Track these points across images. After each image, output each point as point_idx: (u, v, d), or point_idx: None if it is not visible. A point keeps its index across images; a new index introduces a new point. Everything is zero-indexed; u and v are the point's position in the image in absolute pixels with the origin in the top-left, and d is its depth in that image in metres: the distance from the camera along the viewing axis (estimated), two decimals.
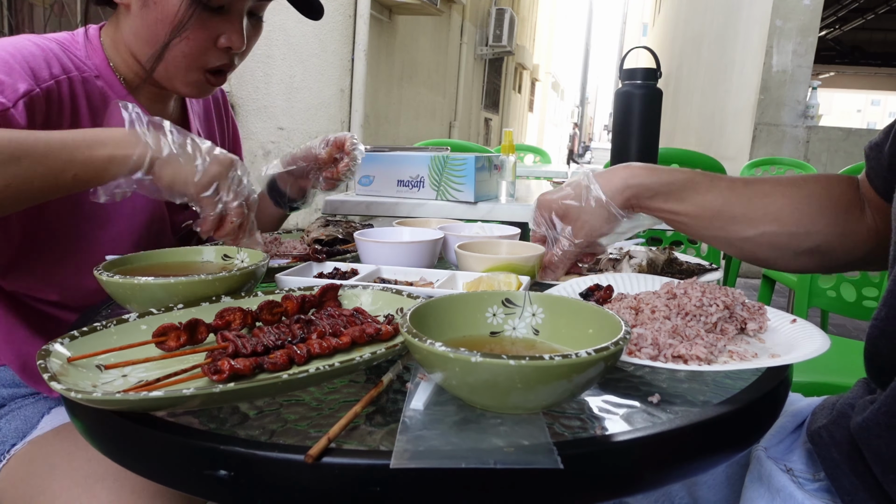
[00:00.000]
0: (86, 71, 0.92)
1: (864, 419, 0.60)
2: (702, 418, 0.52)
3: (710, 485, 0.76)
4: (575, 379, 0.48)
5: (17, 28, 2.95)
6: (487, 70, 10.30)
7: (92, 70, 0.93)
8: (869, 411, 0.59)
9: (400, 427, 0.48)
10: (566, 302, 0.63)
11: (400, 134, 6.11)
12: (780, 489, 0.64)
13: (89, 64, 0.93)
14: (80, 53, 0.93)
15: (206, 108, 1.19)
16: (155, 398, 0.47)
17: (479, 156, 1.64)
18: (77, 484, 0.79)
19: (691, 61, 8.34)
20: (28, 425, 0.92)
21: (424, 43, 6.79)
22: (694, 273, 0.97)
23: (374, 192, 1.69)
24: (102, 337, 0.61)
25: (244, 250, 0.87)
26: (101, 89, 0.93)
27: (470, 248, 0.93)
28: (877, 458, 0.58)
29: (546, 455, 0.45)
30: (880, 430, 0.57)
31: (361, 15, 4.53)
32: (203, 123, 1.17)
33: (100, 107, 0.92)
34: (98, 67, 0.94)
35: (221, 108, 1.23)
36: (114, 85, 0.95)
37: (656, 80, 1.89)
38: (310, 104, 4.18)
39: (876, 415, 0.58)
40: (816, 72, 10.74)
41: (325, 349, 0.60)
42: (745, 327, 0.70)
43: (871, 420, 0.58)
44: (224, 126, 1.24)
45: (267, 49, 4.05)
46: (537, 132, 21.87)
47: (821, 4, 4.69)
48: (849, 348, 1.72)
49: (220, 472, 0.46)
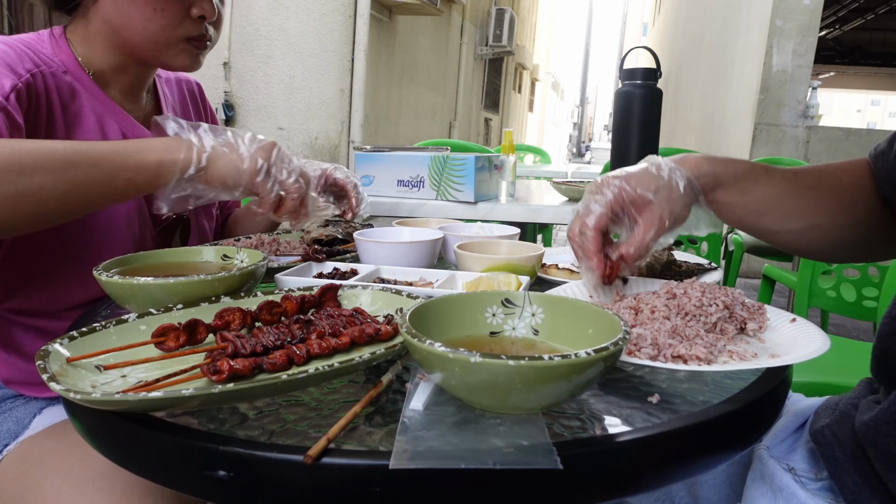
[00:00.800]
0: (53, 66, 0.93)
1: (871, 418, 0.59)
2: (702, 418, 0.52)
3: (711, 484, 0.76)
4: (574, 379, 0.48)
5: (17, 28, 2.95)
6: (487, 70, 10.30)
7: (59, 66, 0.94)
8: (877, 410, 0.59)
9: (399, 427, 0.48)
10: (566, 302, 0.63)
11: (400, 134, 6.11)
12: (783, 488, 0.64)
13: (56, 60, 0.94)
14: (47, 51, 0.94)
15: (181, 102, 1.19)
16: (154, 399, 0.47)
17: (479, 156, 1.64)
18: (69, 484, 0.79)
19: (691, 61, 8.34)
20: (20, 426, 0.92)
21: (424, 43, 6.79)
22: (694, 273, 0.97)
23: (374, 192, 1.69)
24: (102, 337, 0.61)
25: (244, 250, 0.87)
26: (69, 83, 0.94)
27: (469, 248, 0.93)
28: (883, 456, 0.57)
29: (545, 455, 0.45)
30: (889, 429, 0.57)
31: (361, 15, 4.53)
32: (180, 116, 1.17)
33: (69, 101, 0.94)
34: (65, 63, 0.95)
35: (198, 100, 1.25)
36: (82, 79, 0.96)
37: (656, 80, 1.89)
38: (310, 104, 4.17)
39: (885, 413, 0.58)
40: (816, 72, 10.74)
41: (325, 349, 0.60)
42: (745, 327, 0.70)
43: (880, 419, 0.58)
44: (203, 118, 1.25)
45: (267, 49, 4.05)
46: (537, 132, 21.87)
47: (821, 4, 4.68)
48: (849, 348, 1.72)
49: (219, 473, 0.46)
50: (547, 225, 3.56)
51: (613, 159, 1.95)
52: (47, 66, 0.92)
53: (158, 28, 0.94)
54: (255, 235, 1.09)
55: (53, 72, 0.93)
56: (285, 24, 4.10)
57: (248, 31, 3.97)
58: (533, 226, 3.06)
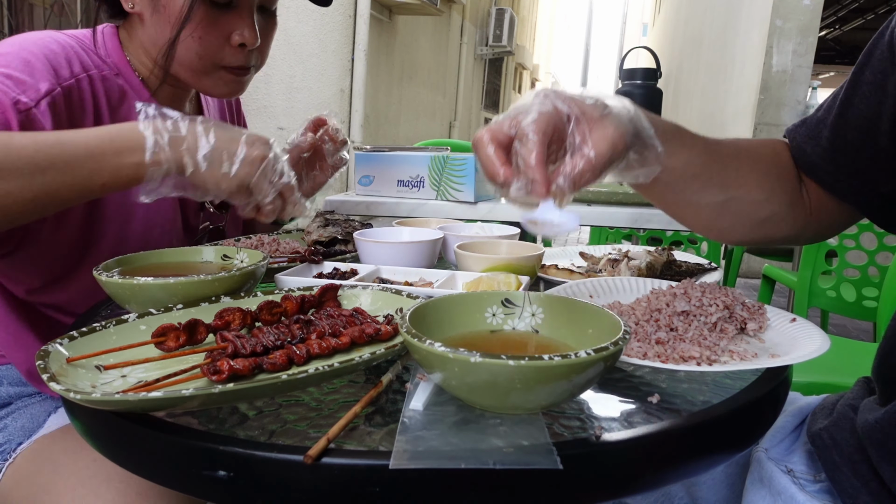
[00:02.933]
0: (104, 69, 0.92)
1: (877, 419, 0.59)
2: (701, 418, 0.52)
3: (710, 485, 0.76)
4: (574, 379, 0.48)
5: (17, 28, 2.95)
6: (487, 70, 10.30)
7: (111, 68, 0.93)
8: (883, 412, 0.59)
9: (399, 427, 0.48)
10: (566, 302, 0.63)
11: (400, 134, 6.11)
12: (781, 491, 0.64)
13: (108, 62, 0.93)
14: (100, 51, 0.93)
15: (220, 110, 1.19)
16: (154, 399, 0.47)
17: None
18: (82, 483, 0.79)
19: (691, 61, 8.34)
20: (35, 423, 0.92)
21: (424, 43, 6.79)
22: (694, 273, 0.97)
23: (374, 192, 1.69)
24: (102, 337, 0.61)
25: (244, 250, 0.87)
26: (120, 87, 0.93)
27: (469, 248, 0.93)
28: (891, 458, 0.57)
29: (545, 455, 0.45)
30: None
31: (361, 15, 4.54)
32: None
33: (118, 104, 0.93)
34: (117, 65, 0.94)
35: (234, 111, 1.24)
36: (133, 83, 0.95)
37: (656, 80, 1.89)
38: (310, 104, 4.17)
39: (893, 415, 0.58)
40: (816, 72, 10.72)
41: (325, 349, 0.60)
42: (745, 327, 0.70)
43: (886, 420, 0.58)
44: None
45: None
46: None
47: (821, 4, 4.68)
48: (849, 348, 1.72)
49: (219, 473, 0.46)
50: None
51: None
52: (98, 70, 0.91)
53: (196, 56, 0.92)
54: (255, 236, 1.09)
55: (105, 75, 0.91)
56: (285, 24, 4.09)
57: None
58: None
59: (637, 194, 1.55)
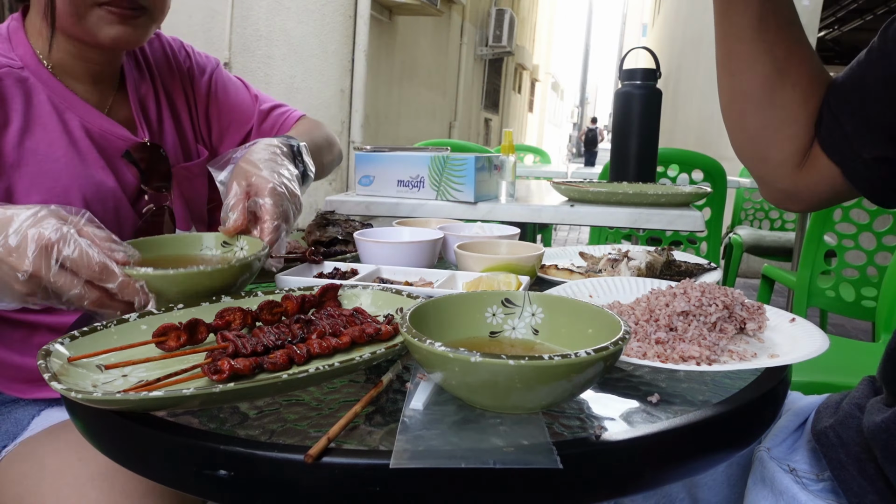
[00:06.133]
0: (8, 64, 0.90)
1: (883, 420, 0.59)
2: (701, 418, 0.52)
3: (710, 485, 0.76)
4: (574, 379, 0.48)
5: None
6: (487, 70, 10.31)
7: (16, 62, 0.91)
8: (890, 412, 0.59)
9: (399, 427, 0.48)
10: (566, 302, 0.63)
11: (400, 134, 6.12)
12: (784, 491, 0.64)
13: (13, 56, 0.91)
14: (4, 47, 0.91)
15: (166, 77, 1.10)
16: (155, 398, 0.47)
17: (479, 156, 1.64)
18: (67, 485, 0.78)
19: (691, 62, 8.34)
20: (18, 427, 0.91)
21: (424, 43, 6.79)
22: (693, 273, 0.97)
23: (374, 192, 1.69)
24: (103, 337, 0.61)
25: (244, 238, 0.84)
26: (26, 80, 0.91)
27: (469, 248, 0.94)
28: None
29: (545, 455, 0.45)
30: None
31: (361, 15, 4.54)
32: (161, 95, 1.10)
33: (27, 99, 0.90)
34: (22, 58, 0.92)
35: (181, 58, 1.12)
36: (40, 74, 0.92)
37: (656, 80, 1.89)
38: (310, 104, 4.18)
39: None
40: None
41: (325, 349, 0.60)
42: (745, 327, 0.70)
43: (892, 421, 0.58)
44: (190, 103, 1.14)
45: (267, 49, 4.05)
46: (537, 132, 21.88)
47: (820, 5, 4.68)
48: (848, 348, 1.72)
49: (219, 472, 0.46)
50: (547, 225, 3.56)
51: (613, 159, 1.95)
52: (9, 66, 0.88)
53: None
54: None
55: (9, 70, 0.89)
56: (285, 24, 4.10)
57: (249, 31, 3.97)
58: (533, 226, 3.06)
59: (637, 194, 1.55)
